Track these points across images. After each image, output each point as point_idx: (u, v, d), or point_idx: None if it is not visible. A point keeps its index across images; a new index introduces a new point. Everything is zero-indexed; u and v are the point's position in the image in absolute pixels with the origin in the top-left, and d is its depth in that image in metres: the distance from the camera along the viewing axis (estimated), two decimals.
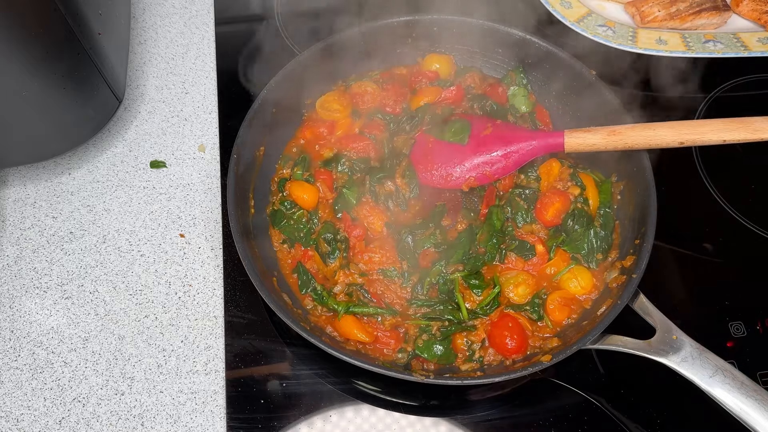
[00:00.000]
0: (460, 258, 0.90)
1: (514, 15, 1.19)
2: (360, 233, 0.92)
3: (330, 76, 1.06)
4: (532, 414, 0.85)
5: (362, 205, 0.95)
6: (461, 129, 0.99)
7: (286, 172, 0.99)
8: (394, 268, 0.90)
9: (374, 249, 0.91)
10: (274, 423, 0.82)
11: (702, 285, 0.95)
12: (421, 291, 0.89)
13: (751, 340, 0.90)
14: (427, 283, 0.89)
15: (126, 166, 1.04)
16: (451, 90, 1.05)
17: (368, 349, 0.85)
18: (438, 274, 0.89)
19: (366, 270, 0.90)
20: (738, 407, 0.71)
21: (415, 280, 0.89)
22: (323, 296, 0.87)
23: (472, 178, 0.96)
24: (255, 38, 1.19)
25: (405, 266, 0.90)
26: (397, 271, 0.90)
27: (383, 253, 0.91)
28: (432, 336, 0.85)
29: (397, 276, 0.90)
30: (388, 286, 0.89)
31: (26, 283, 0.93)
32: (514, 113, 1.04)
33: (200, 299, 0.92)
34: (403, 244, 0.91)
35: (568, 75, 1.02)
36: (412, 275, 0.90)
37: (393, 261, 0.90)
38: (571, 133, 0.92)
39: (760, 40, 1.15)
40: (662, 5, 1.17)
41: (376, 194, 0.96)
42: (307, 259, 0.91)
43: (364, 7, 1.14)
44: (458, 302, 0.87)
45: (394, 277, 0.90)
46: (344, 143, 1.00)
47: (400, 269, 0.90)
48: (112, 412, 0.84)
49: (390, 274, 0.90)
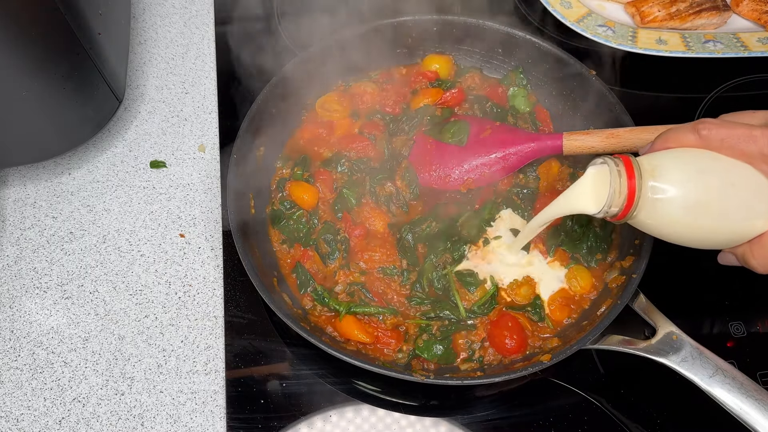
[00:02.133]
0: (446, 247, 0.90)
1: (513, 15, 1.19)
2: (360, 233, 0.92)
3: (330, 76, 1.06)
4: (532, 414, 0.85)
5: (363, 206, 0.95)
6: (460, 130, 0.99)
7: (286, 172, 0.99)
8: (394, 266, 0.90)
9: (374, 248, 0.91)
10: (274, 423, 0.82)
11: (702, 285, 0.95)
12: (419, 289, 0.89)
13: (751, 340, 0.90)
14: (425, 280, 0.89)
15: (126, 166, 1.04)
16: (453, 92, 1.05)
17: (368, 349, 0.85)
18: (433, 269, 0.89)
19: (366, 269, 0.90)
20: (738, 407, 0.71)
21: (414, 278, 0.89)
22: (324, 296, 0.87)
23: (471, 179, 0.97)
24: (255, 38, 1.19)
25: (405, 264, 0.90)
26: (397, 270, 0.90)
27: (383, 252, 0.91)
28: (432, 336, 0.85)
29: (397, 274, 0.90)
30: (389, 285, 0.89)
31: (26, 283, 0.93)
32: (514, 114, 1.04)
33: (200, 299, 0.92)
34: (404, 242, 0.91)
35: (568, 75, 1.02)
36: (411, 273, 0.90)
37: (393, 260, 0.90)
38: (569, 135, 0.92)
39: (760, 40, 1.15)
40: (662, 5, 1.17)
41: (377, 195, 0.96)
42: (306, 259, 0.91)
43: (364, 8, 1.14)
44: (455, 301, 0.87)
45: (394, 275, 0.90)
46: (344, 143, 1.00)
47: (400, 267, 0.90)
48: (112, 412, 0.84)
49: (390, 273, 0.90)
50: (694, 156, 0.69)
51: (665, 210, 0.68)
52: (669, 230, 0.71)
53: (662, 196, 0.68)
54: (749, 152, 0.66)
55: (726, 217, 0.68)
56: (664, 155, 0.70)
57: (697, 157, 0.68)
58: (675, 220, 0.68)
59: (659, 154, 0.71)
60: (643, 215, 0.70)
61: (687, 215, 0.68)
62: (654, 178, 0.68)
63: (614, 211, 0.71)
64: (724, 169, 0.67)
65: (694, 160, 0.68)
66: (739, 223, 0.68)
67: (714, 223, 0.68)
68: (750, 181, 0.67)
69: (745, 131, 0.66)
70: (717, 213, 0.68)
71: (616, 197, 0.69)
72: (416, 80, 1.07)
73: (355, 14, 1.14)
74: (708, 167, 0.68)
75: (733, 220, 0.68)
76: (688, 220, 0.68)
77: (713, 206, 0.67)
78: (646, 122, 0.93)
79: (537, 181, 0.98)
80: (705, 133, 0.68)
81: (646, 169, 0.69)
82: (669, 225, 0.70)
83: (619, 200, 0.69)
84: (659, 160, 0.69)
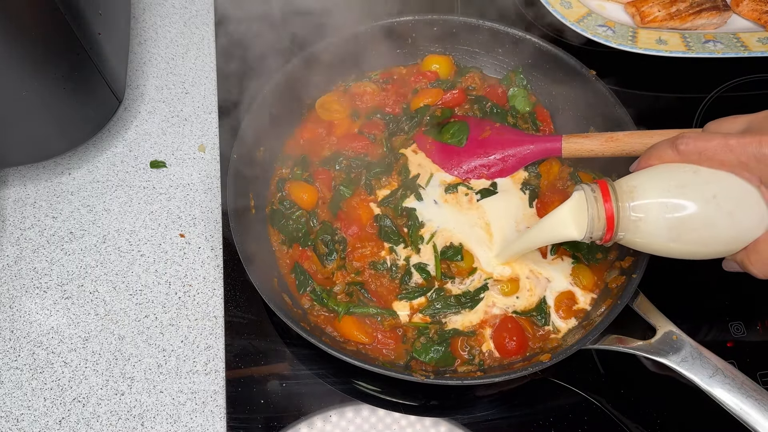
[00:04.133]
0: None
1: (513, 15, 1.19)
2: (356, 231, 0.92)
3: (330, 76, 1.06)
4: (532, 414, 0.85)
5: (354, 196, 0.95)
6: (459, 131, 0.99)
7: (286, 171, 0.99)
8: (383, 261, 0.90)
9: (365, 244, 0.91)
10: (274, 423, 0.82)
11: (702, 285, 0.95)
12: (409, 281, 0.89)
13: (751, 340, 0.90)
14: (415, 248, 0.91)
15: (126, 166, 1.04)
16: (453, 92, 1.05)
17: (368, 349, 0.85)
18: (419, 241, 0.91)
19: (359, 267, 0.90)
20: (738, 407, 0.71)
21: (402, 272, 0.90)
22: (322, 297, 0.87)
23: (469, 180, 0.97)
24: (255, 38, 1.19)
25: (388, 253, 0.91)
26: (386, 264, 0.90)
27: (371, 246, 0.91)
28: (430, 339, 0.85)
29: (386, 269, 0.90)
30: (381, 281, 0.89)
31: (26, 283, 0.93)
32: (515, 114, 1.04)
33: (200, 299, 0.92)
34: (385, 229, 0.92)
35: (568, 75, 1.02)
36: (399, 268, 0.90)
37: (382, 254, 0.91)
38: (568, 138, 0.93)
39: (760, 40, 1.15)
40: (662, 5, 1.17)
41: (371, 187, 0.96)
42: (304, 259, 0.91)
43: (364, 8, 1.14)
44: (435, 265, 0.89)
45: (383, 270, 0.90)
46: (343, 143, 1.00)
47: (385, 256, 0.90)
48: (112, 412, 0.84)
49: (379, 268, 0.90)
50: (673, 172, 0.69)
51: (649, 229, 0.69)
52: (660, 247, 0.71)
53: (643, 215, 0.69)
54: (728, 161, 0.67)
55: (713, 228, 0.68)
56: (642, 174, 0.71)
57: (676, 172, 0.69)
58: (661, 236, 0.69)
59: (637, 174, 0.72)
60: (630, 236, 0.71)
61: (671, 231, 0.68)
62: (632, 199, 0.69)
63: (597, 235, 0.72)
64: (704, 182, 0.68)
65: (673, 176, 0.69)
66: (727, 232, 0.68)
67: (702, 235, 0.68)
68: (733, 189, 0.67)
69: (721, 142, 0.67)
70: (702, 225, 0.68)
71: (596, 222, 0.71)
72: (416, 80, 1.07)
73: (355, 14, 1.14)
74: (687, 181, 0.68)
75: (721, 230, 0.68)
76: (673, 235, 0.68)
77: (697, 220, 0.68)
78: (647, 122, 0.94)
79: (538, 178, 0.98)
80: (683, 148, 0.69)
81: (624, 190, 0.70)
82: (657, 243, 0.70)
83: (599, 225, 0.71)
84: (637, 180, 0.70)
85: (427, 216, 0.94)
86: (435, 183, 0.97)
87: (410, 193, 0.96)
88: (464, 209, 0.95)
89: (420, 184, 0.97)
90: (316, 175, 0.97)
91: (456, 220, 0.94)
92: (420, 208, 0.95)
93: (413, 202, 0.95)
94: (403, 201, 0.95)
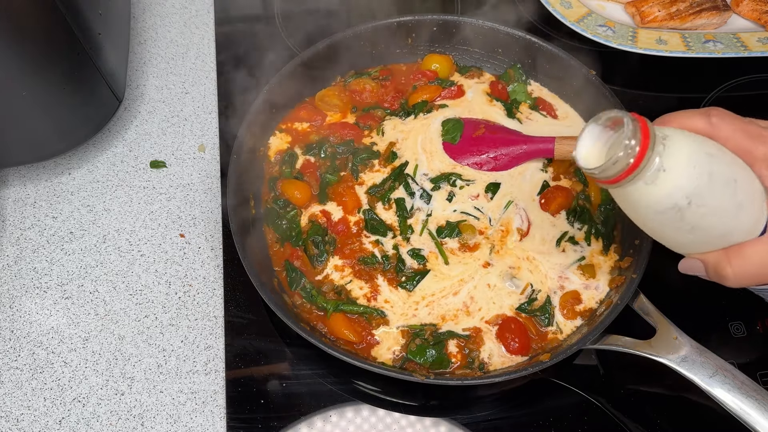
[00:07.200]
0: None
1: (513, 15, 1.19)
2: (343, 229, 0.92)
3: (329, 76, 1.07)
4: (532, 414, 0.85)
5: (340, 183, 0.95)
6: (453, 128, 1.00)
7: (275, 170, 0.98)
8: (371, 255, 0.90)
9: (353, 240, 0.92)
10: (274, 423, 0.82)
11: (702, 285, 0.94)
12: (404, 267, 0.89)
13: (751, 340, 0.90)
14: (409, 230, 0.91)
15: (126, 166, 1.04)
16: (452, 90, 1.05)
17: (362, 349, 0.85)
18: (407, 229, 0.92)
19: (349, 264, 0.90)
20: (738, 407, 0.71)
21: (395, 262, 0.89)
22: (312, 293, 0.87)
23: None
24: (255, 38, 1.19)
25: (375, 245, 0.91)
26: (375, 258, 0.90)
27: (359, 242, 0.91)
28: (425, 341, 0.84)
29: (377, 262, 0.89)
30: (373, 275, 0.89)
31: (26, 283, 0.93)
32: (518, 106, 1.04)
33: (200, 299, 0.92)
34: (372, 222, 0.92)
35: (568, 75, 1.02)
36: (391, 258, 0.90)
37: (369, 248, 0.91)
38: (561, 140, 0.93)
39: (760, 40, 1.15)
40: (662, 5, 1.17)
41: (358, 173, 0.96)
42: (295, 258, 0.91)
43: (364, 8, 1.14)
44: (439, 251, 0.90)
45: (375, 264, 0.90)
46: (332, 129, 1.01)
47: (372, 249, 0.90)
48: (112, 412, 0.84)
49: (370, 262, 0.90)
50: (702, 140, 0.63)
51: (664, 185, 0.61)
52: (652, 215, 0.64)
53: (667, 167, 0.61)
54: (755, 152, 0.63)
55: (718, 213, 0.62)
56: (675, 130, 0.64)
57: (705, 141, 0.63)
58: (669, 199, 0.62)
59: (669, 128, 0.64)
60: (636, 186, 0.63)
61: (683, 197, 0.61)
62: (665, 148, 0.61)
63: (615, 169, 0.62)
64: (729, 162, 0.63)
65: (703, 143, 0.63)
66: (728, 223, 0.63)
67: (704, 215, 0.62)
68: (749, 182, 0.63)
69: (757, 129, 0.63)
70: (712, 204, 0.62)
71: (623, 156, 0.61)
72: (416, 78, 1.08)
73: (355, 14, 1.14)
74: (715, 154, 0.62)
75: (723, 219, 0.63)
76: (681, 201, 0.61)
77: (712, 197, 0.61)
78: None
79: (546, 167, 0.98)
80: (716, 121, 0.64)
81: (658, 136, 0.62)
82: (657, 203, 0.63)
83: (624, 160, 0.61)
84: (668, 131, 0.63)
85: (416, 205, 0.94)
86: (423, 170, 0.97)
87: (398, 185, 0.95)
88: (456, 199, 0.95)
89: (409, 173, 0.96)
90: (303, 170, 0.97)
91: (444, 207, 0.94)
92: (408, 198, 0.95)
93: (402, 194, 0.95)
94: (391, 193, 0.94)
